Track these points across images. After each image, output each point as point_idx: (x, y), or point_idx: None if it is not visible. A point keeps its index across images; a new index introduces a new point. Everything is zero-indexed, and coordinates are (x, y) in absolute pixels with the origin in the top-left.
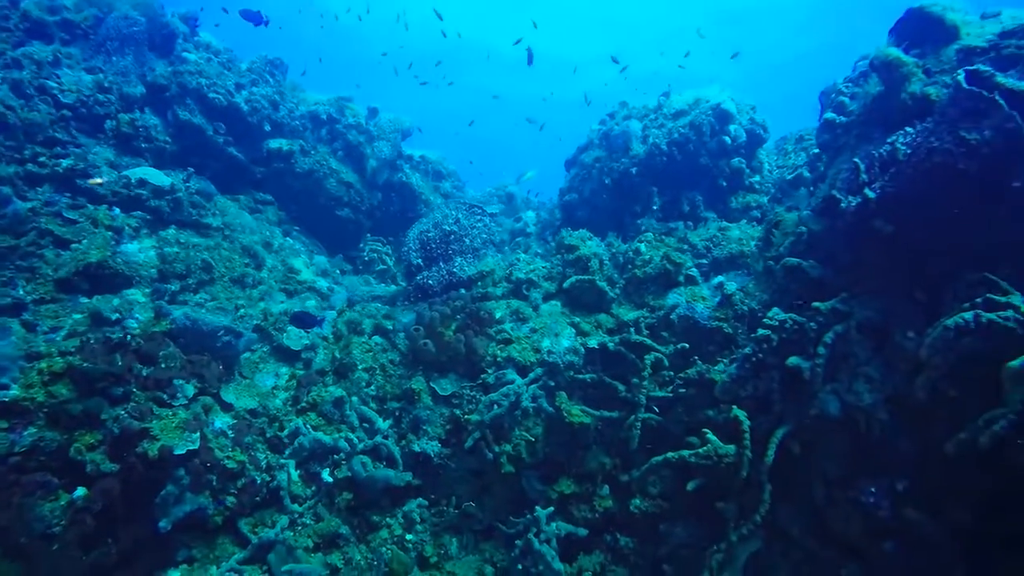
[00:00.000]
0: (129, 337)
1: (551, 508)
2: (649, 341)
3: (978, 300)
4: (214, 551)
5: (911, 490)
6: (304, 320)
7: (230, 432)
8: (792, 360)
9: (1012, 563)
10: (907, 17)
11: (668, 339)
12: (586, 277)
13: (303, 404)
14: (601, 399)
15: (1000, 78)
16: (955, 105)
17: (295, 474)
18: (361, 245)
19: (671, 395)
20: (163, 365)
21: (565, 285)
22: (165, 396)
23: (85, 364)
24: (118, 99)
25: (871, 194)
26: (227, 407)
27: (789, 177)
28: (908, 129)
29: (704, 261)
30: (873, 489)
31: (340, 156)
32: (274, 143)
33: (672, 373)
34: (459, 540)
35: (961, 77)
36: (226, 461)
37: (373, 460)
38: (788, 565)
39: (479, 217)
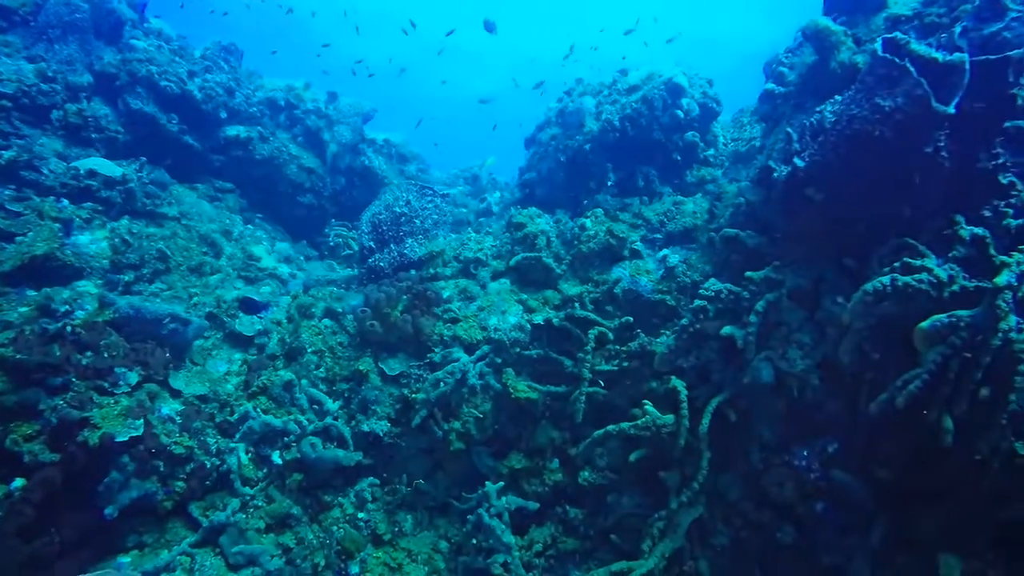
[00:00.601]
0: (68, 328)
1: (501, 483)
2: (593, 316)
3: (896, 264)
4: (165, 535)
5: (841, 452)
6: (250, 305)
7: (177, 418)
8: (726, 329)
9: (926, 517)
10: None
11: (613, 313)
12: (532, 254)
13: (253, 388)
14: (548, 374)
15: (913, 45)
16: (872, 73)
17: (245, 457)
18: (326, 231)
19: (616, 369)
20: (104, 354)
21: (511, 263)
22: (106, 384)
23: (19, 356)
24: (64, 89)
25: (800, 163)
26: (176, 394)
27: (743, 150)
28: (837, 97)
29: (659, 235)
30: (805, 452)
31: (300, 142)
32: (231, 130)
33: (618, 347)
34: (414, 517)
35: (877, 45)
36: (173, 447)
37: (324, 441)
38: (729, 530)
39: (430, 198)
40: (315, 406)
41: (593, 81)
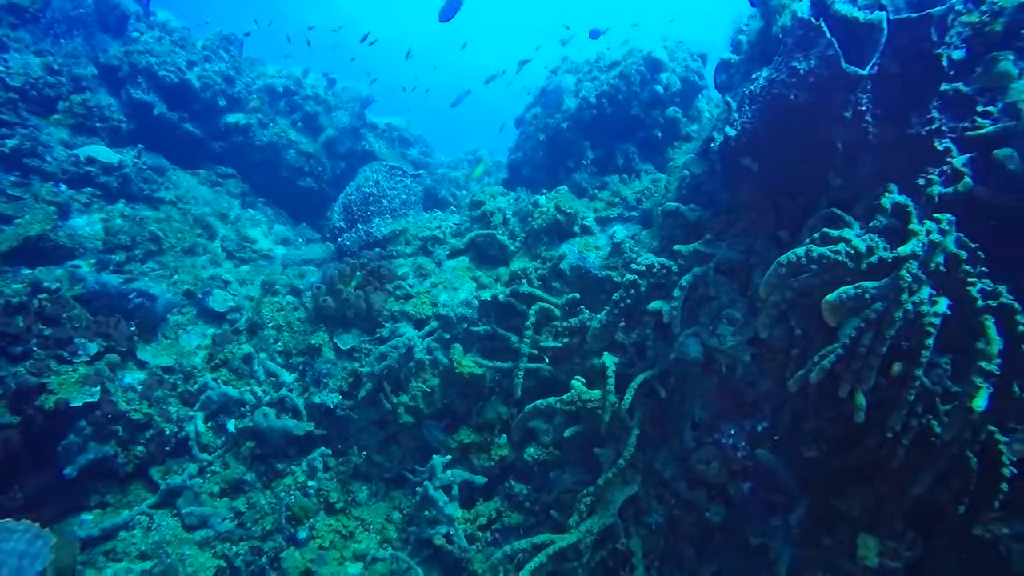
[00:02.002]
0: (35, 301)
1: (448, 457)
2: (538, 292)
3: (815, 235)
4: (127, 496)
5: (769, 431)
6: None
7: (139, 387)
8: (654, 304)
9: (850, 496)
10: None
11: (560, 289)
12: (486, 232)
13: (216, 361)
14: (497, 350)
15: (837, 5)
16: (791, 34)
17: (202, 426)
18: (328, 214)
19: (560, 345)
20: (67, 326)
21: (466, 240)
22: (66, 354)
23: None
24: (69, 80)
25: (731, 131)
26: (142, 365)
27: None
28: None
29: (635, 213)
30: (732, 431)
31: (300, 127)
32: (231, 117)
33: (562, 323)
34: (369, 488)
35: (803, 5)
36: (132, 413)
37: (279, 411)
38: (663, 508)
39: (399, 179)
40: (272, 378)
41: (579, 59)
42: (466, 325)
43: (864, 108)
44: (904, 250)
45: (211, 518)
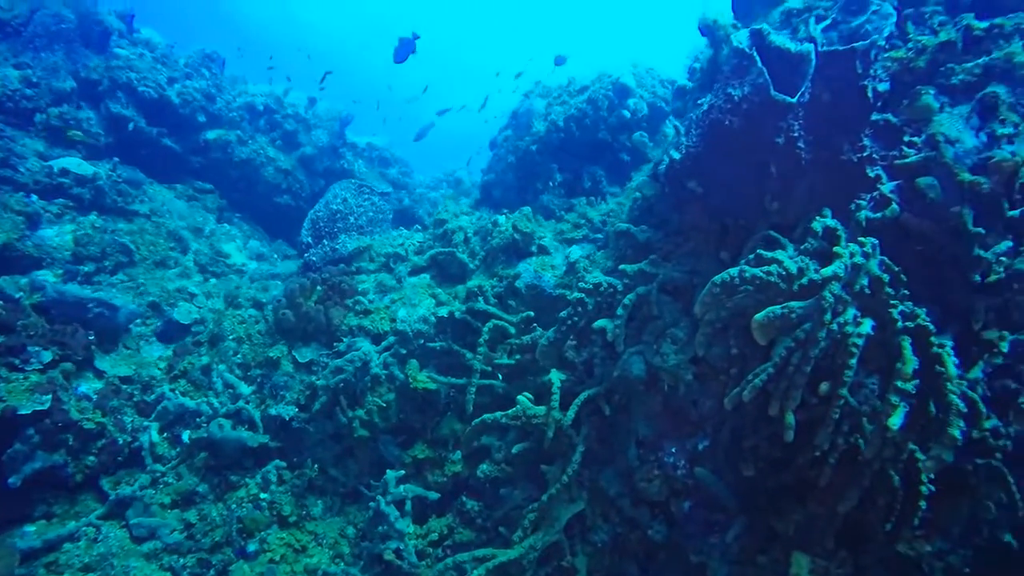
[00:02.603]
0: None
1: (401, 472)
2: (493, 309)
3: (750, 256)
4: (75, 507)
5: (710, 449)
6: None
7: (94, 396)
8: (599, 323)
9: (787, 514)
10: None
11: (516, 307)
12: (447, 250)
13: (175, 372)
14: (453, 367)
15: (772, 36)
16: (728, 63)
17: (157, 436)
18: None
19: (513, 362)
20: (21, 334)
21: (426, 258)
22: (17, 361)
23: None
24: (47, 93)
25: (676, 155)
26: (100, 374)
27: None
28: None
29: (600, 235)
30: (674, 449)
31: (279, 145)
32: (211, 133)
33: (516, 341)
34: (324, 502)
35: (741, 35)
36: (85, 423)
37: (235, 423)
38: (608, 526)
39: (367, 196)
40: (229, 390)
41: (551, 83)
42: (423, 341)
43: (796, 134)
44: (827, 272)
45: (159, 529)
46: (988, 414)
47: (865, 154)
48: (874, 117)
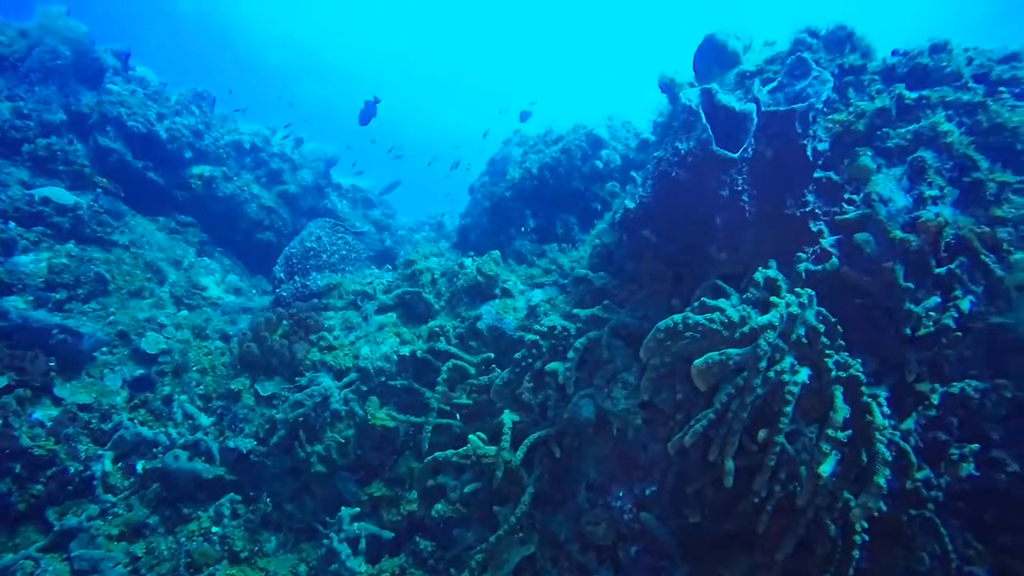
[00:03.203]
0: None
1: (356, 509)
2: (454, 349)
3: (695, 304)
4: (14, 539)
5: (657, 494)
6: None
7: (48, 423)
8: (551, 365)
9: (731, 562)
10: (704, 43)
11: (478, 348)
12: (413, 289)
13: (135, 401)
14: (413, 405)
15: (719, 96)
16: (678, 118)
17: (110, 465)
18: None
19: (471, 402)
20: None
21: (392, 296)
22: None
23: None
24: (37, 125)
25: (630, 204)
26: (57, 401)
27: None
28: None
29: (566, 281)
30: (621, 493)
31: (264, 182)
32: (197, 169)
33: (474, 381)
34: (278, 538)
35: (691, 93)
36: (35, 450)
37: (192, 454)
38: (557, 570)
39: (341, 235)
40: (189, 421)
41: (530, 133)
42: (384, 379)
43: (740, 188)
44: (762, 320)
45: (102, 563)
46: (920, 465)
47: (808, 209)
48: (817, 175)
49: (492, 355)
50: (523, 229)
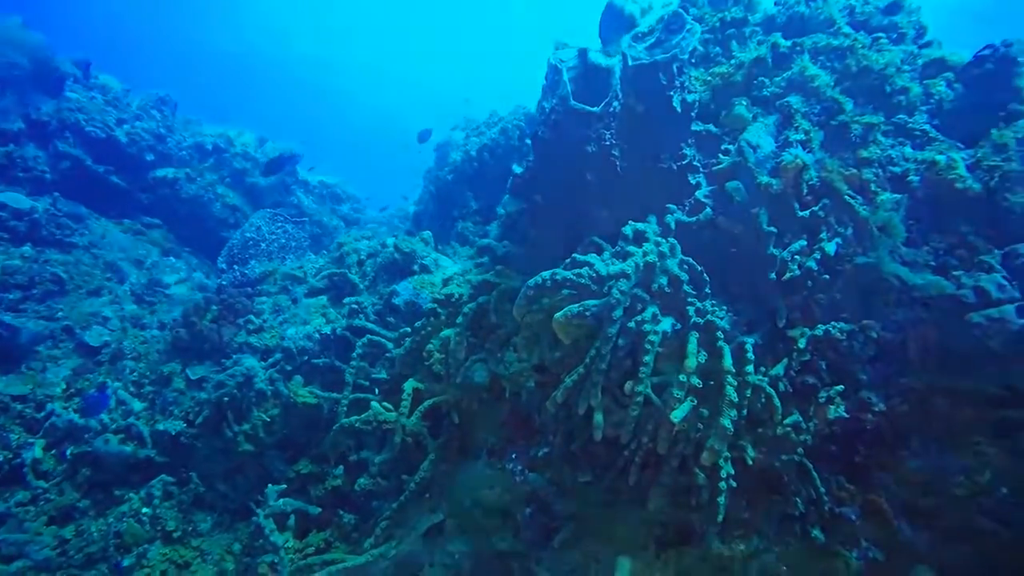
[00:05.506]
0: None
1: (283, 486)
2: (371, 325)
3: (567, 261)
4: None
5: (548, 455)
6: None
7: None
8: (445, 332)
9: (620, 518)
10: (605, 10)
11: (396, 324)
12: (340, 271)
13: (71, 391)
14: (337, 383)
15: (591, 54)
16: (547, 79)
17: (40, 452)
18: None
19: (389, 377)
20: None
21: (321, 280)
22: None
23: None
24: None
25: (517, 169)
26: None
27: None
28: None
29: None
30: (514, 455)
31: (228, 182)
32: (160, 171)
33: (394, 355)
34: (213, 518)
35: (564, 54)
36: None
37: (125, 439)
38: (463, 536)
39: (280, 224)
40: (122, 406)
41: (480, 118)
42: (307, 358)
43: (609, 143)
44: (613, 269)
45: (27, 546)
46: (790, 410)
47: (685, 162)
48: (696, 128)
49: (409, 329)
50: (465, 211)
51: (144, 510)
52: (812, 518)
